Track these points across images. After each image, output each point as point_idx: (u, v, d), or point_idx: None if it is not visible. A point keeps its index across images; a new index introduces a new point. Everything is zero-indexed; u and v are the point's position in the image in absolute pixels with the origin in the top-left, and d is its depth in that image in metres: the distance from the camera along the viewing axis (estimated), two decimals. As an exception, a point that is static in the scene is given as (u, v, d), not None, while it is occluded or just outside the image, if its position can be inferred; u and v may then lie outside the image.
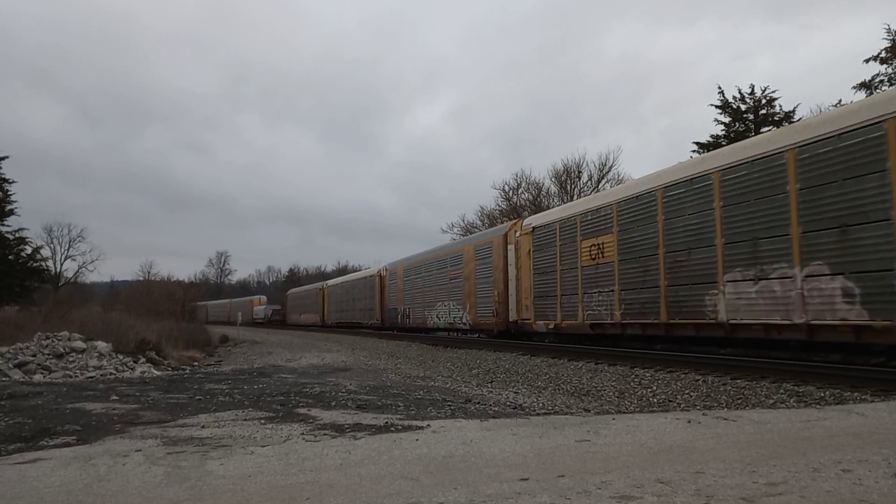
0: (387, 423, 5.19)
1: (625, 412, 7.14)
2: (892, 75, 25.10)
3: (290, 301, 57.96)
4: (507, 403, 8.06)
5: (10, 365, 12.71)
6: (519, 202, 42.22)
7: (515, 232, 18.43)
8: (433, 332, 25.24)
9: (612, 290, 13.57)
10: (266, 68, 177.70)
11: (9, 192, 31.18)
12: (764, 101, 30.68)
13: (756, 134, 27.47)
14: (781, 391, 7.74)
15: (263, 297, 74.27)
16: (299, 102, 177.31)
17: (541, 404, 8.21)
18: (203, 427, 5.16)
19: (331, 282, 47.63)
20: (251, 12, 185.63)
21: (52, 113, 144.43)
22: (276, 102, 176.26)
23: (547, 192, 41.37)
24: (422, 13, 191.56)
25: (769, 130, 26.78)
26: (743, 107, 30.96)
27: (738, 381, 8.63)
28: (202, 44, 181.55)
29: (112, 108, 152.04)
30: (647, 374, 9.93)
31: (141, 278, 72.10)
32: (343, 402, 7.07)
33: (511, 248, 18.47)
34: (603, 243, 13.96)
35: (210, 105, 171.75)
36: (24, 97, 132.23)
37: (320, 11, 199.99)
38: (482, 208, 44.57)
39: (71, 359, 14.20)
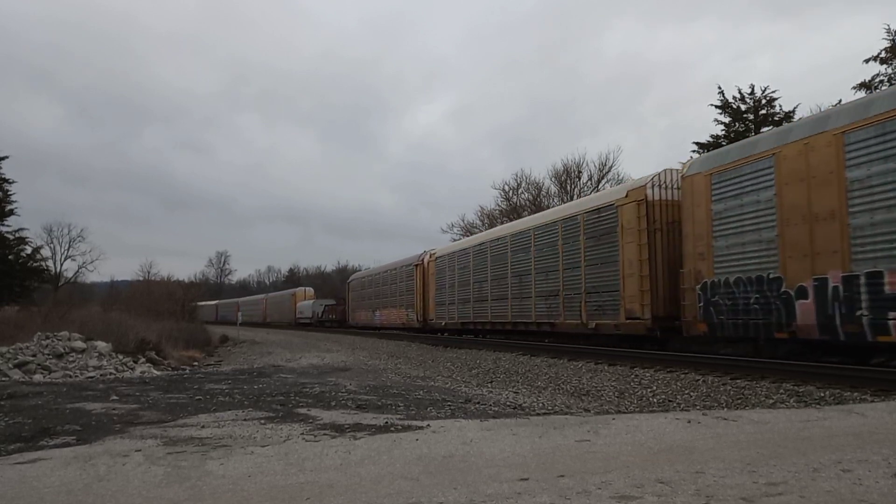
0: (387, 423, 5.19)
1: (625, 412, 7.14)
2: (892, 75, 25.08)
3: (354, 291, 39.10)
4: (507, 403, 8.05)
5: (10, 365, 12.71)
6: (519, 202, 42.26)
7: None
8: None
9: None
10: (266, 68, 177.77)
11: (9, 192, 31.16)
12: (764, 102, 30.66)
13: (757, 133, 27.47)
14: (781, 391, 7.74)
15: (310, 290, 58.24)
16: (299, 102, 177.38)
17: (541, 404, 8.21)
18: (203, 427, 5.16)
19: (443, 249, 25.19)
20: (251, 12, 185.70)
21: (52, 112, 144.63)
22: (276, 102, 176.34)
23: (547, 192, 41.43)
24: (422, 13, 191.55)
25: (769, 130, 26.80)
26: (743, 107, 30.94)
27: (738, 381, 8.63)
28: (202, 43, 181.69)
29: (111, 108, 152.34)
30: (647, 374, 9.93)
31: (141, 278, 72.01)
32: (343, 402, 7.07)
33: None
34: None
35: (209, 105, 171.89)
36: (24, 96, 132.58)
37: (320, 11, 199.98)
38: (482, 208, 44.58)
39: (71, 359, 14.20)
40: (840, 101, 25.54)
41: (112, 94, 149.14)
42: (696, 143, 31.87)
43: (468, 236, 33.25)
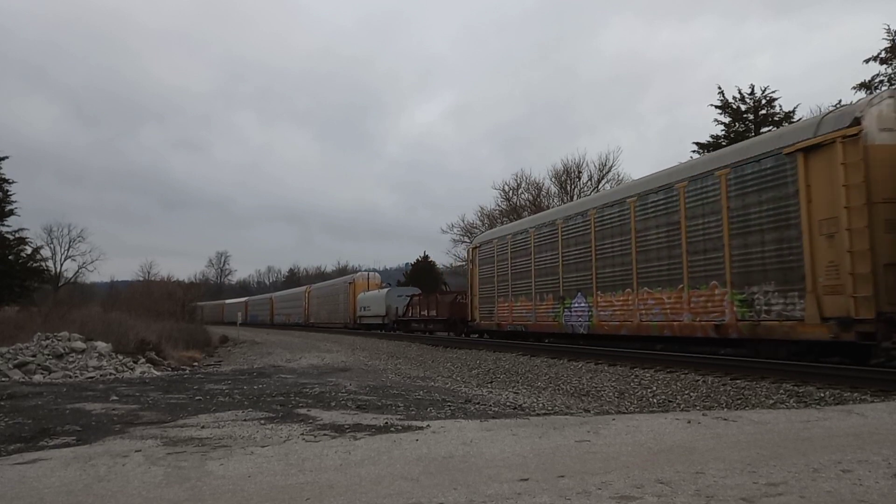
0: (387, 423, 5.18)
1: (625, 412, 7.14)
2: (892, 75, 25.08)
3: (492, 263, 19.74)
4: (507, 404, 8.05)
5: (10, 365, 12.70)
6: (519, 202, 42.27)
7: None
8: None
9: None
10: (261, 66, 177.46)
11: (8, 193, 31.15)
12: (764, 102, 30.66)
13: (756, 134, 27.50)
14: (781, 391, 7.74)
15: (375, 275, 39.95)
16: (296, 101, 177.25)
17: (541, 405, 8.21)
18: (203, 427, 5.16)
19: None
20: (246, 9, 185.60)
21: (48, 111, 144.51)
22: (272, 100, 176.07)
23: (547, 193, 41.41)
24: (418, 11, 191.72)
25: (769, 131, 26.81)
26: (743, 107, 30.94)
27: (738, 381, 8.63)
28: (197, 41, 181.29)
29: (107, 106, 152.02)
30: (647, 375, 9.93)
31: (141, 278, 72.11)
32: (343, 402, 7.06)
33: None
34: None
35: (206, 103, 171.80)
36: (19, 95, 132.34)
37: (317, 9, 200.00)
38: (482, 208, 44.51)
39: (71, 359, 14.19)
40: (840, 101, 25.54)
41: (107, 92, 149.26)
42: (696, 143, 31.91)
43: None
